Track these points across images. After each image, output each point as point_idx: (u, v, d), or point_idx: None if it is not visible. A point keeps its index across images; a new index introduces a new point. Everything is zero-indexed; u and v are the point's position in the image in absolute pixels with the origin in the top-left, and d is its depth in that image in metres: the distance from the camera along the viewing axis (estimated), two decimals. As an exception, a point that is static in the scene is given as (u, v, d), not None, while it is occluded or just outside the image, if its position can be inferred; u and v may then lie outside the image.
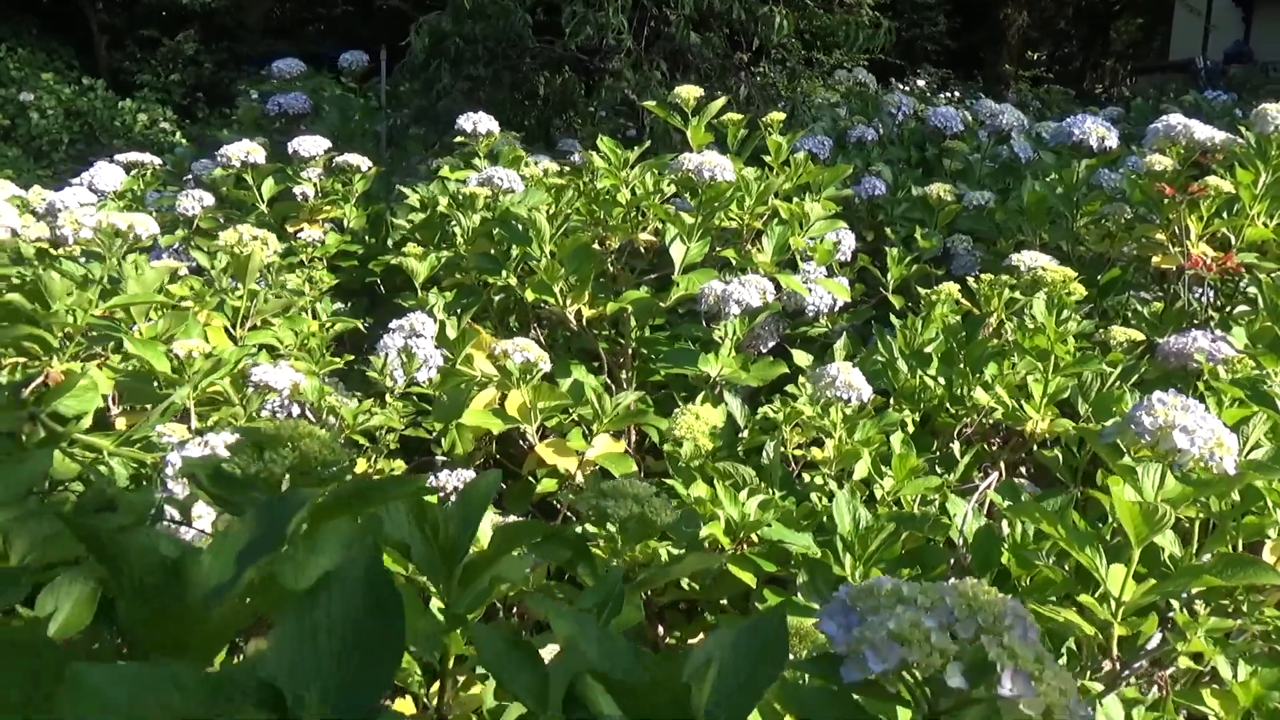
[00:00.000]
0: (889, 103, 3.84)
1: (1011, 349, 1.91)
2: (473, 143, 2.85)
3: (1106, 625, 1.26)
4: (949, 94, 7.05)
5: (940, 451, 1.86)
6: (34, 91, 9.93)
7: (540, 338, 2.32)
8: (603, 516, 0.91)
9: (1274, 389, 1.55)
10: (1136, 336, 1.96)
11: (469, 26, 4.06)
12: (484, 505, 0.79)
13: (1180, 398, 1.17)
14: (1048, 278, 1.94)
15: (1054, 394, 1.80)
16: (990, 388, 1.85)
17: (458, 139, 2.89)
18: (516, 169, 2.52)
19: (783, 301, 2.27)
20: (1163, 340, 1.97)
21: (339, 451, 0.70)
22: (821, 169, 2.51)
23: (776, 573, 1.51)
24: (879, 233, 2.84)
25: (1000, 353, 1.94)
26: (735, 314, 2.03)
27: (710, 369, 2.03)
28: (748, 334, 2.13)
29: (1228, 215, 2.22)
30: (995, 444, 1.95)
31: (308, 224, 2.66)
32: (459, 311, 2.16)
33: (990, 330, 2.06)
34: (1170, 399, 1.16)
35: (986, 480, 1.77)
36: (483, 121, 2.82)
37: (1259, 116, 2.14)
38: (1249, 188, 2.16)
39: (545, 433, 1.96)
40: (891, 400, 1.90)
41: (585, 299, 2.20)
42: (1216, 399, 1.54)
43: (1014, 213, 2.68)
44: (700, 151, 2.26)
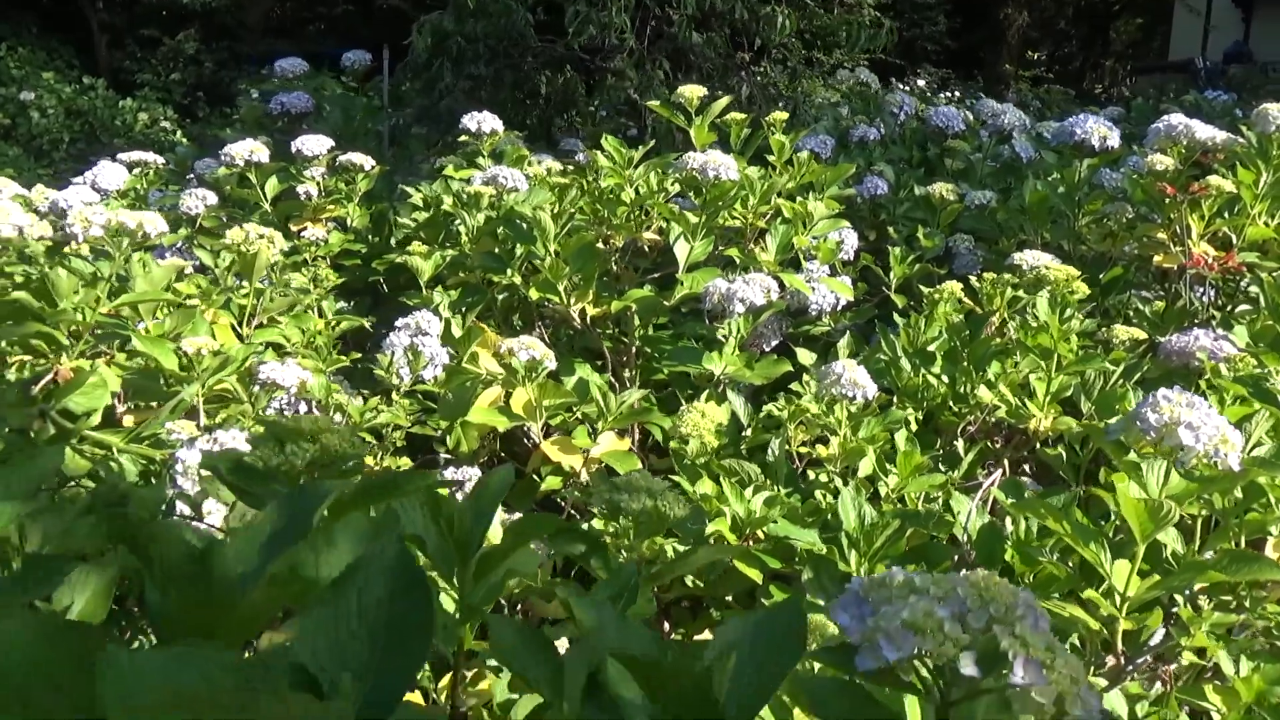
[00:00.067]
0: (891, 102, 3.85)
1: (1014, 347, 1.92)
2: (476, 142, 2.86)
3: (1111, 620, 1.27)
4: (949, 94, 7.05)
5: (944, 449, 1.87)
6: (34, 90, 9.92)
7: (544, 336, 2.33)
8: (615, 510, 0.91)
9: (1276, 386, 1.56)
10: (1138, 335, 1.96)
11: (471, 26, 4.07)
12: (498, 499, 0.80)
13: (1185, 395, 1.17)
14: (1050, 276, 1.95)
15: (1057, 392, 1.81)
16: (993, 386, 1.86)
17: (461, 138, 2.89)
18: (520, 168, 2.53)
19: (786, 300, 2.27)
20: (1165, 339, 1.98)
21: (358, 446, 0.71)
22: (824, 168, 2.51)
23: (781, 569, 1.52)
24: (881, 232, 2.84)
25: (1003, 351, 1.94)
26: (739, 312, 2.04)
27: (714, 367, 2.04)
28: (751, 332, 2.14)
29: (1229, 214, 2.23)
30: (998, 442, 1.96)
31: (311, 223, 2.67)
32: (464, 310, 2.17)
33: (993, 329, 2.07)
34: (1175, 396, 1.17)
35: (990, 478, 1.78)
36: (487, 121, 2.83)
37: (1260, 116, 2.15)
38: (1250, 187, 2.17)
39: (550, 430, 1.97)
40: (895, 398, 1.91)
41: (589, 297, 2.21)
42: (1219, 397, 1.55)
43: (1016, 212, 2.69)
44: (704, 151, 2.26)
